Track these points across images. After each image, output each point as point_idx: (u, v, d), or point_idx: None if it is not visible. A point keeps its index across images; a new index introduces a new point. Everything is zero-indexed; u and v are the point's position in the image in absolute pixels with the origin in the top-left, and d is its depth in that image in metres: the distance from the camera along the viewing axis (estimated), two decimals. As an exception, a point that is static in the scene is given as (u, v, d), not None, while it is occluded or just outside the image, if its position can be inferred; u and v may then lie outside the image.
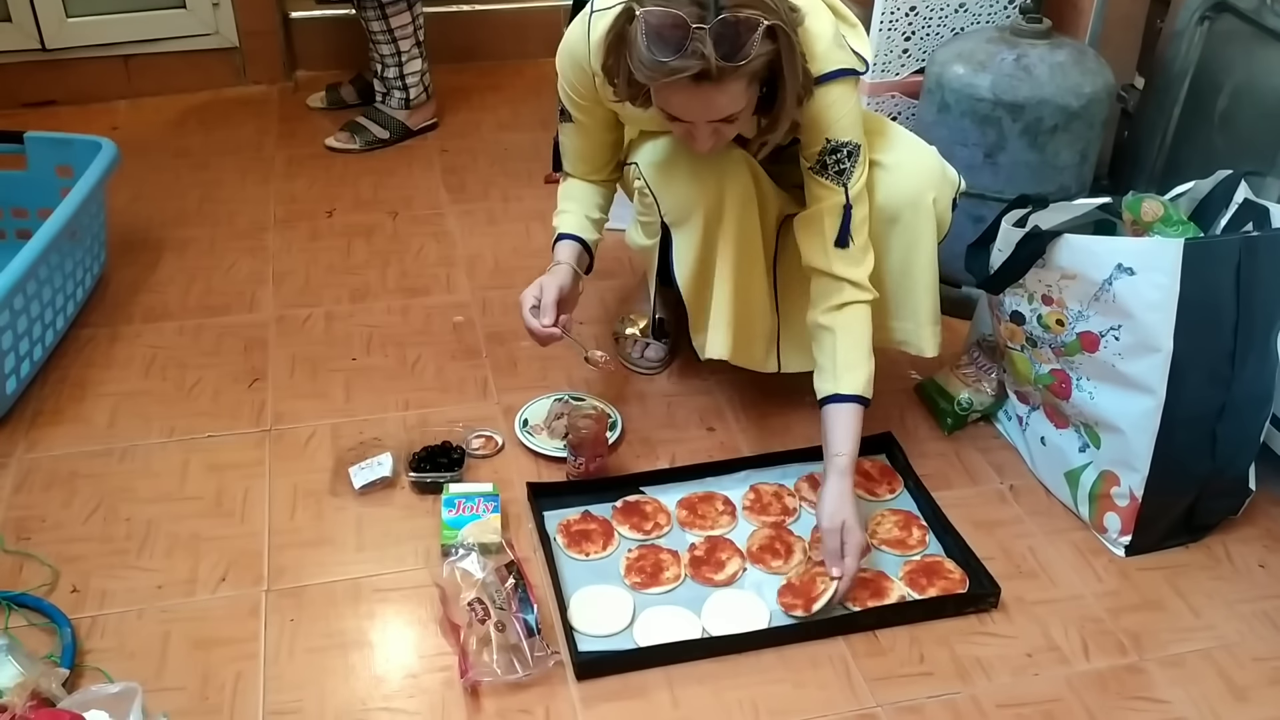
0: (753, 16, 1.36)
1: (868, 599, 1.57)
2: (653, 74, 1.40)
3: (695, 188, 1.68)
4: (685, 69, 1.36)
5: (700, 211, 1.68)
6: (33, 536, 1.66)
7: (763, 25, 1.36)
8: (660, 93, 1.46)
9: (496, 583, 1.51)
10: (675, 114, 1.49)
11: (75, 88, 2.96)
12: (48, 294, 1.96)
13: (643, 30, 1.37)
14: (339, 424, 1.90)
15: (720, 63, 1.35)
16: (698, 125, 1.49)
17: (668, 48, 1.36)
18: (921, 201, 1.69)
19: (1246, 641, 1.55)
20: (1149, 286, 1.52)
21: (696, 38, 1.34)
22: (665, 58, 1.36)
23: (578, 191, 1.83)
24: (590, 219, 1.81)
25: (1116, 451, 1.65)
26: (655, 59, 1.37)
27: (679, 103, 1.46)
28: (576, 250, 1.78)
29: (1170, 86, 2.04)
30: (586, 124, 1.73)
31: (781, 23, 1.40)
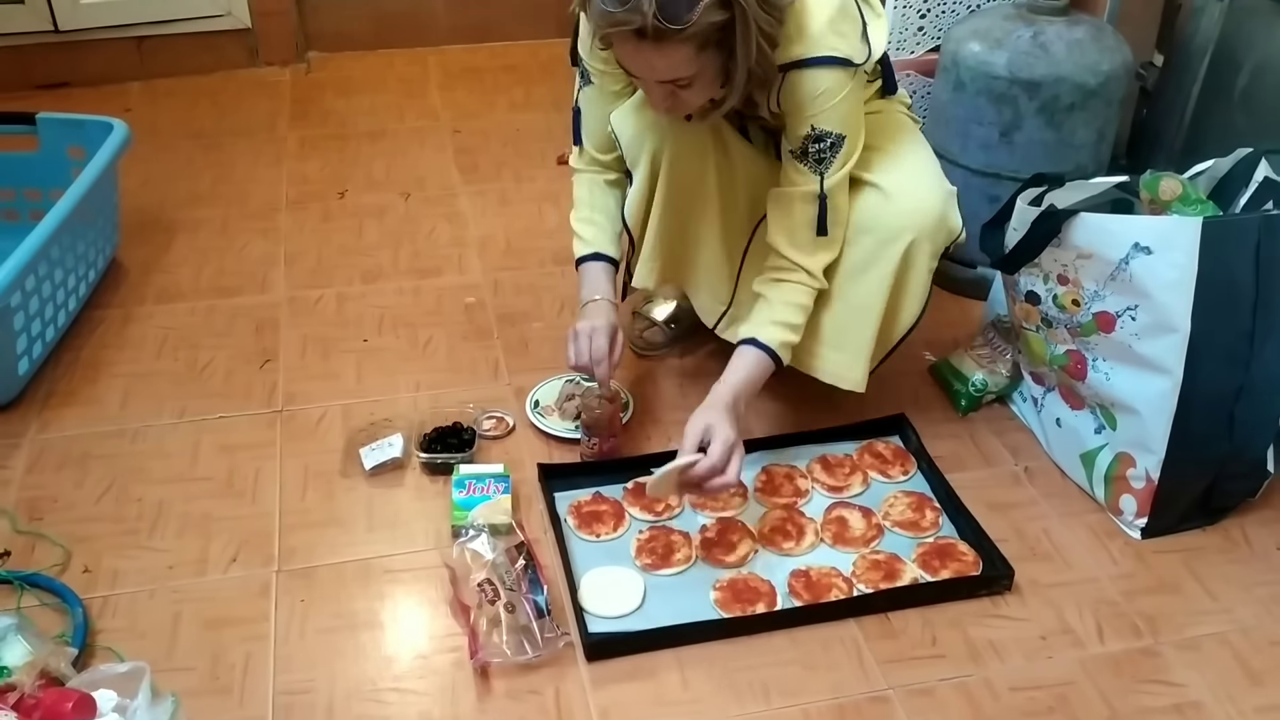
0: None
1: (880, 581, 1.56)
2: (600, 23, 1.41)
3: (647, 128, 1.68)
4: (627, 23, 1.37)
5: (648, 150, 1.68)
6: (45, 517, 1.67)
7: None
8: (615, 45, 1.46)
9: (507, 564, 1.51)
10: (626, 68, 1.49)
11: (88, 69, 2.96)
12: (60, 275, 1.96)
13: None
14: (350, 405, 1.89)
15: (656, 23, 1.35)
16: (649, 84, 1.49)
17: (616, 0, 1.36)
18: (899, 239, 1.62)
19: (1263, 625, 1.54)
20: (1166, 266, 1.50)
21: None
22: (610, 8, 1.37)
23: (600, 198, 1.80)
24: (617, 236, 1.80)
25: (1133, 433, 1.63)
26: (602, 7, 1.38)
27: (624, 56, 1.47)
28: (612, 275, 1.78)
29: (1190, 64, 2.01)
30: (605, 82, 1.71)
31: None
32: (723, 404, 1.57)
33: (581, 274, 1.77)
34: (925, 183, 1.66)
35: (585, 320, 1.71)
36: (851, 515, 1.68)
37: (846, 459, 1.78)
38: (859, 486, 1.73)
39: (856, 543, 1.63)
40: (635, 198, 1.74)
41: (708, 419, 1.54)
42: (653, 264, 1.80)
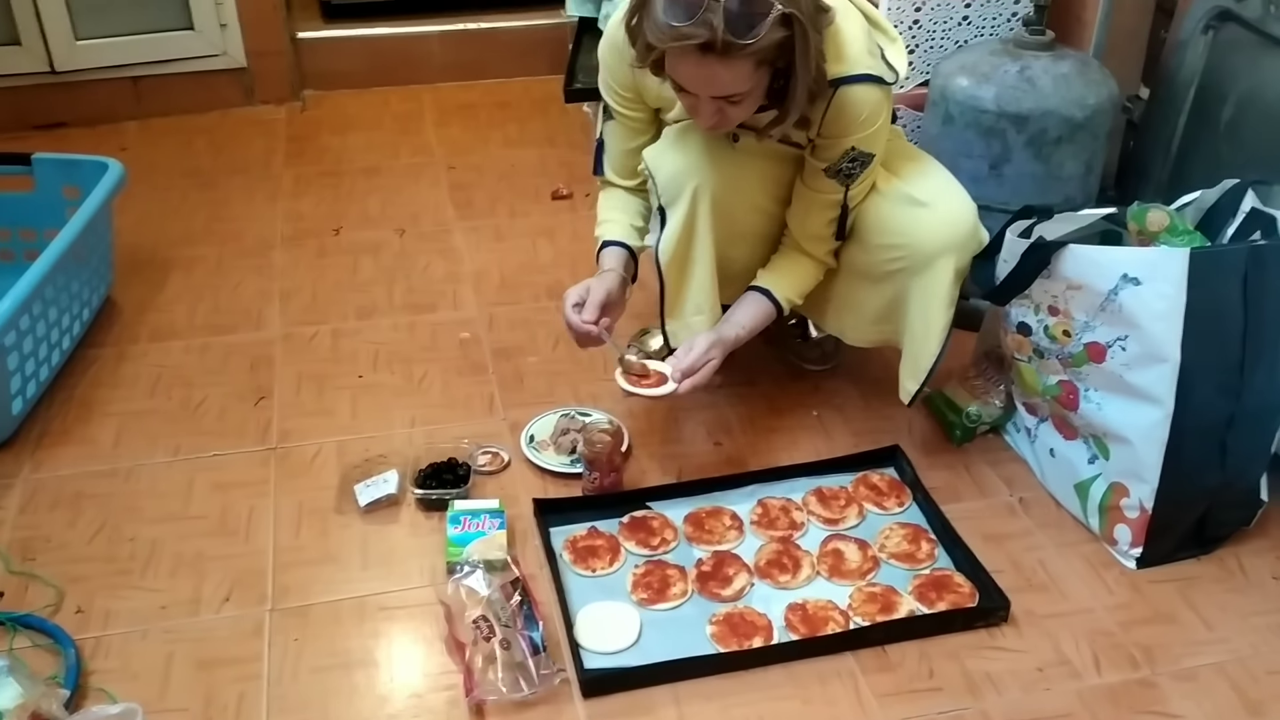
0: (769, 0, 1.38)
1: (877, 614, 1.56)
2: (663, 36, 1.42)
3: (685, 163, 1.69)
4: (693, 37, 1.39)
5: (690, 187, 1.69)
6: (38, 557, 1.66)
7: (777, 10, 1.39)
8: (670, 59, 1.48)
9: (502, 600, 1.50)
10: (681, 83, 1.51)
11: (84, 110, 2.98)
12: (54, 314, 1.97)
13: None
14: (345, 441, 1.89)
15: (726, 36, 1.38)
16: (702, 100, 1.51)
17: (681, 12, 1.39)
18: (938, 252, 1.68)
19: (1260, 654, 1.53)
20: (1155, 296, 1.51)
21: (710, 8, 1.37)
22: (677, 22, 1.39)
23: (619, 200, 1.85)
24: (635, 227, 1.83)
25: (1126, 463, 1.63)
26: (668, 22, 1.40)
27: (685, 72, 1.48)
28: (624, 257, 1.81)
29: (1175, 97, 2.03)
30: (627, 120, 1.76)
31: (799, 12, 1.42)
32: (727, 340, 1.70)
33: (598, 261, 1.81)
34: (956, 193, 1.73)
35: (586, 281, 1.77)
36: (847, 548, 1.67)
37: (842, 491, 1.78)
38: (855, 519, 1.73)
39: (853, 575, 1.63)
40: (673, 239, 1.73)
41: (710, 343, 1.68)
42: (702, 318, 1.78)
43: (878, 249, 1.72)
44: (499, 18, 3.28)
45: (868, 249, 1.74)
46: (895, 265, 1.71)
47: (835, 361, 2.07)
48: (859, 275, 1.79)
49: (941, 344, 1.73)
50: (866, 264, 1.76)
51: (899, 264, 1.71)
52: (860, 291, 1.80)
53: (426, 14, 3.29)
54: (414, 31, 3.27)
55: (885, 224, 1.70)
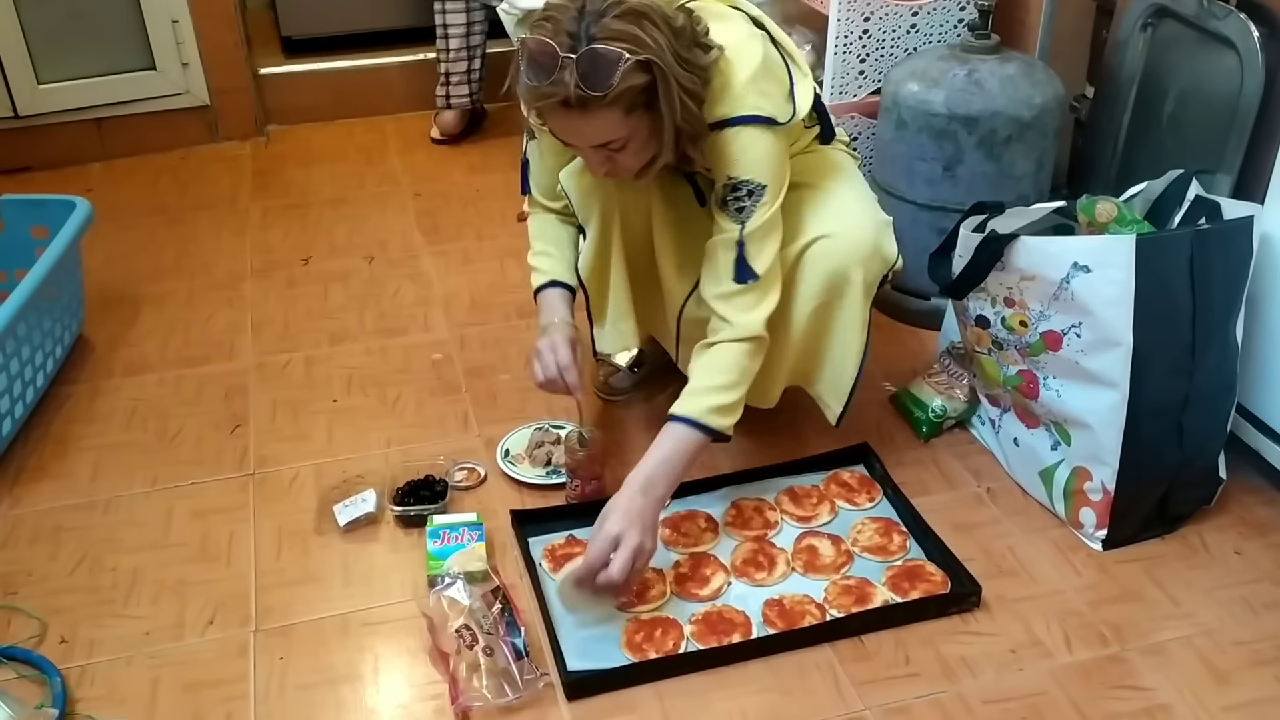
0: (618, 50, 1.40)
1: (852, 605, 1.59)
2: (527, 98, 1.47)
3: (594, 187, 1.72)
4: (552, 95, 1.43)
5: (597, 208, 1.73)
6: (19, 591, 1.67)
7: (627, 60, 1.40)
8: (544, 116, 1.51)
9: (483, 608, 1.52)
10: (558, 137, 1.55)
11: (49, 153, 3.00)
12: (26, 352, 1.98)
13: (523, 56, 1.44)
14: (322, 464, 1.91)
15: (579, 92, 1.40)
16: (584, 150, 1.55)
17: (539, 74, 1.42)
18: (839, 272, 1.67)
19: (1226, 626, 1.57)
20: (1105, 283, 1.56)
21: (564, 66, 1.40)
22: (535, 83, 1.43)
23: (551, 231, 1.85)
24: (572, 264, 1.83)
25: (1086, 447, 1.68)
26: (528, 83, 1.44)
27: (555, 126, 1.52)
28: (568, 299, 1.81)
29: (1119, 93, 2.09)
30: (549, 140, 1.75)
31: (656, 58, 1.42)
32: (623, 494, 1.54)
33: (540, 303, 1.82)
34: (856, 213, 1.70)
35: (544, 338, 1.76)
36: (821, 544, 1.71)
37: (814, 489, 1.82)
38: (827, 515, 1.77)
39: (827, 570, 1.66)
40: (590, 254, 1.78)
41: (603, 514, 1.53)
42: (625, 324, 1.83)
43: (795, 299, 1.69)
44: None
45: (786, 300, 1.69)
46: (812, 304, 1.69)
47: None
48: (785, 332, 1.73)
49: (859, 364, 1.73)
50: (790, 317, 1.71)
51: (815, 300, 1.69)
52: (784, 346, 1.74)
53: (386, 46, 3.33)
54: (374, 63, 3.31)
55: (792, 273, 1.68)
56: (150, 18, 2.95)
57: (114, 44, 2.97)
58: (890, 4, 2.24)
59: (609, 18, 1.41)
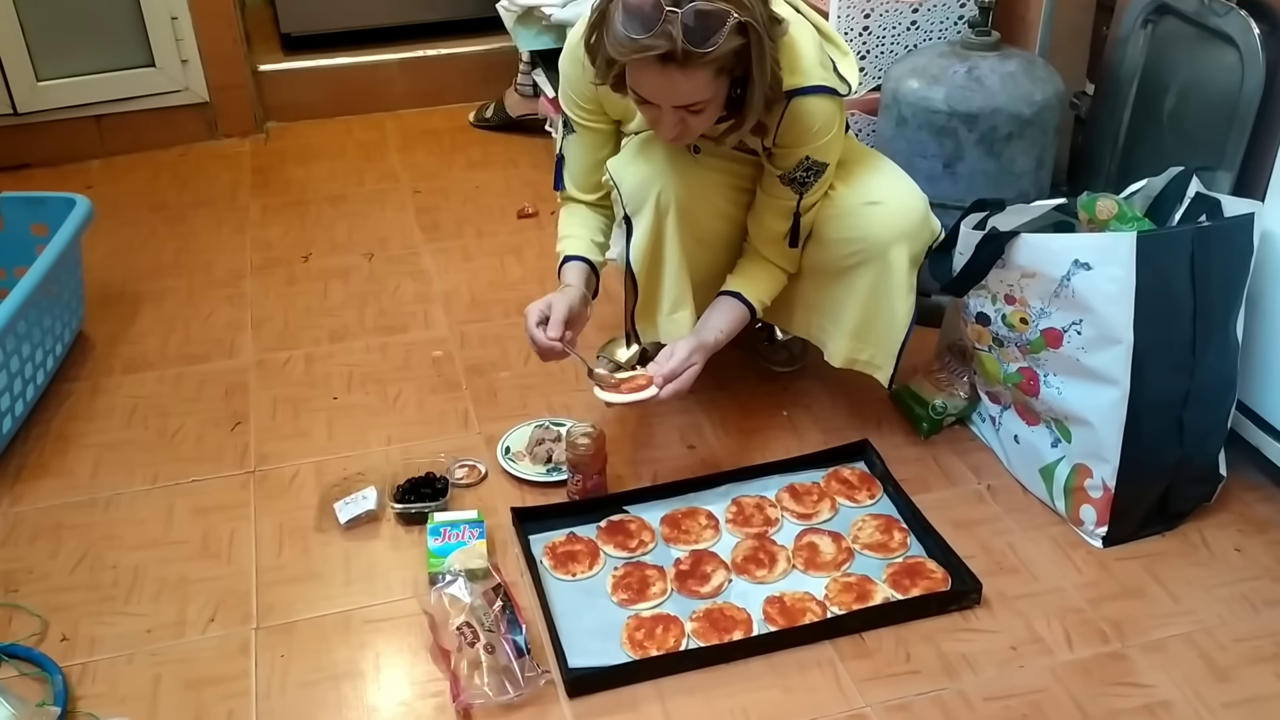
0: (723, 9, 1.43)
1: (853, 602, 1.59)
2: (623, 50, 1.46)
3: (647, 172, 1.73)
4: (653, 48, 1.43)
5: (653, 195, 1.73)
6: (20, 588, 1.67)
7: (733, 19, 1.43)
8: (632, 71, 1.52)
9: (484, 606, 1.53)
10: (643, 94, 1.55)
11: (48, 150, 2.99)
12: (27, 350, 1.97)
13: (620, 7, 1.44)
14: (323, 462, 1.91)
15: (686, 46, 1.42)
16: (664, 111, 1.55)
17: (640, 26, 1.43)
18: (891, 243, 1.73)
19: (1226, 623, 1.57)
20: (1105, 280, 1.56)
21: (668, 20, 1.41)
22: (636, 35, 1.43)
23: (579, 217, 1.87)
24: (596, 243, 1.86)
25: (1087, 444, 1.68)
26: (627, 35, 1.44)
27: (647, 82, 1.52)
28: (585, 272, 1.83)
29: (1119, 90, 2.09)
30: (588, 133, 1.80)
31: (754, 21, 1.46)
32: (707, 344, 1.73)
33: (560, 276, 1.83)
34: (905, 189, 1.78)
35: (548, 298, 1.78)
36: (822, 541, 1.71)
37: (814, 487, 1.82)
38: (828, 512, 1.77)
39: (828, 567, 1.66)
40: (644, 244, 1.77)
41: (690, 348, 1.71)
42: (683, 313, 1.82)
43: (836, 244, 1.76)
44: (457, 44, 3.33)
45: (826, 246, 1.78)
46: (853, 260, 1.76)
47: (801, 363, 2.11)
48: (821, 273, 1.83)
49: (906, 327, 1.79)
50: (826, 260, 1.80)
51: (856, 258, 1.75)
52: (824, 290, 1.84)
53: (385, 43, 3.33)
54: (374, 60, 3.30)
55: (842, 223, 1.75)
56: (149, 14, 2.94)
57: (113, 41, 2.96)
58: (891, 1, 2.24)
59: None
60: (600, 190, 1.85)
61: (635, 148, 1.76)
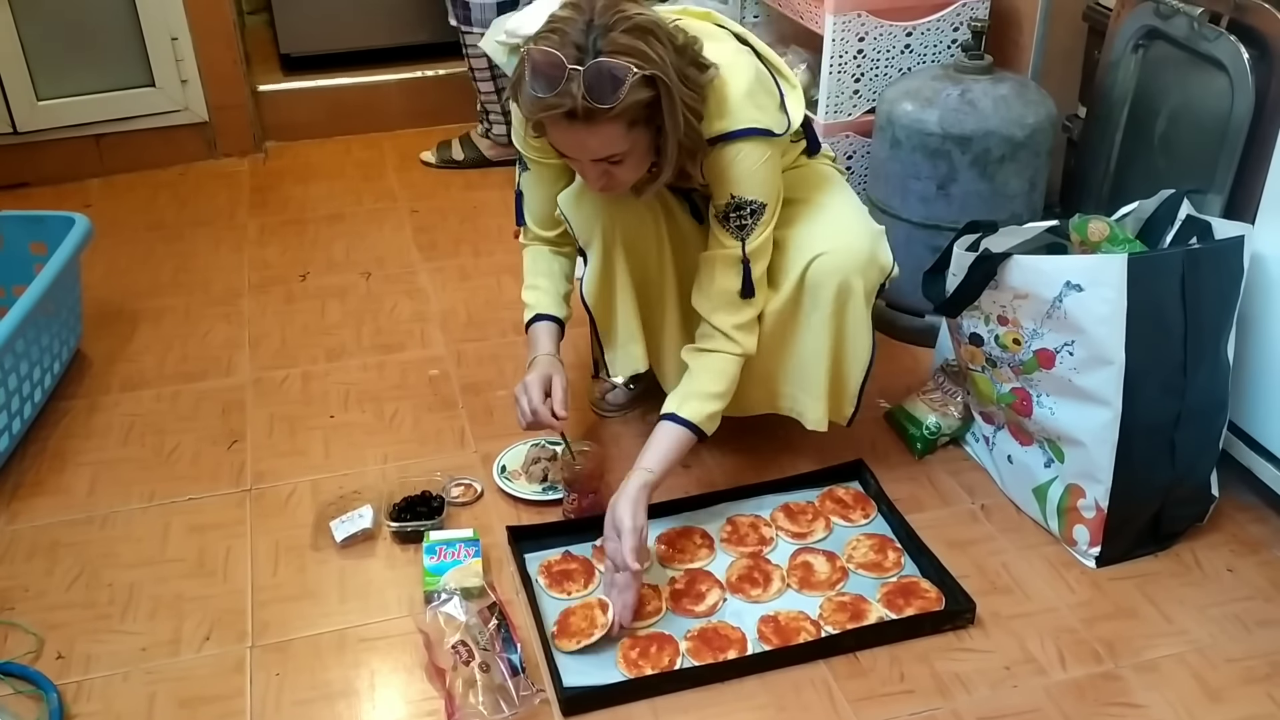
0: (625, 65, 1.42)
1: (847, 622, 1.60)
2: (530, 108, 1.48)
3: (596, 210, 1.75)
4: (557, 106, 1.44)
5: (599, 231, 1.75)
6: (16, 606, 1.67)
7: (634, 74, 1.42)
8: (547, 128, 1.53)
9: (480, 624, 1.53)
10: (559, 149, 1.56)
11: (48, 169, 3.01)
12: (25, 368, 1.98)
13: (528, 66, 1.45)
14: (319, 480, 1.92)
15: (586, 103, 1.42)
16: (584, 164, 1.56)
17: (544, 85, 1.44)
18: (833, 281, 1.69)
19: (1219, 644, 1.58)
20: (1097, 301, 1.58)
21: (570, 78, 1.42)
22: (541, 94, 1.44)
23: (544, 264, 1.87)
24: (562, 295, 1.86)
25: (1080, 464, 1.69)
26: (533, 94, 1.45)
27: (558, 138, 1.53)
28: (555, 333, 1.84)
29: (1111, 114, 2.11)
30: (541, 169, 1.80)
31: (661, 73, 1.45)
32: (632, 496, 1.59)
33: (529, 336, 1.85)
34: (851, 225, 1.74)
35: (534, 370, 1.78)
36: (816, 560, 1.71)
37: (809, 506, 1.82)
38: (822, 532, 1.78)
39: (822, 586, 1.67)
40: (594, 278, 1.80)
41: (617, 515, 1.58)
42: (635, 347, 1.85)
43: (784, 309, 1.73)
44: (454, 65, 3.34)
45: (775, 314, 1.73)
46: (805, 320, 1.73)
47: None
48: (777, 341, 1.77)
49: (867, 365, 1.77)
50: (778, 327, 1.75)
51: (809, 318, 1.73)
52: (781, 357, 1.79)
53: (383, 64, 3.35)
54: (372, 81, 3.33)
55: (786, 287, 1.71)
56: (150, 35, 2.96)
57: (113, 61, 2.99)
58: (885, 24, 2.26)
59: (616, 32, 1.43)
60: (559, 225, 1.84)
61: (581, 182, 1.76)
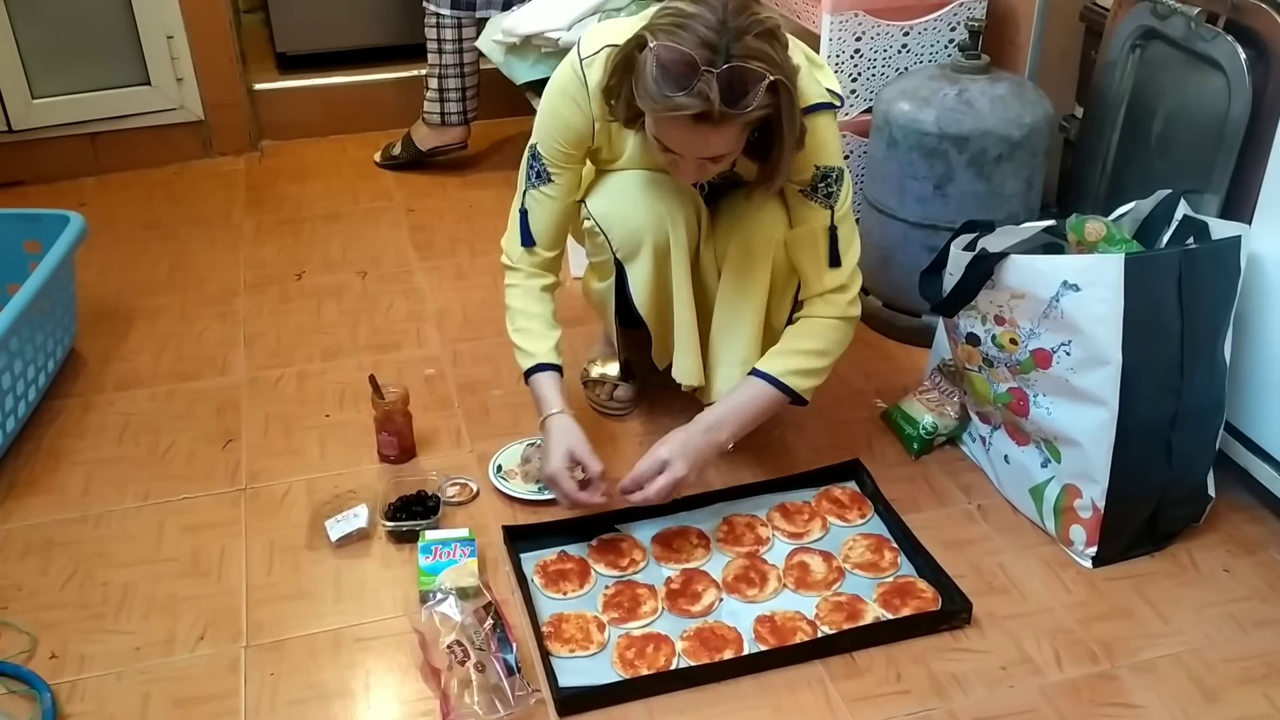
0: (759, 69, 1.42)
1: (843, 622, 1.59)
2: (656, 106, 1.46)
3: (642, 219, 1.74)
4: (689, 107, 1.42)
5: (650, 242, 1.74)
6: (10, 606, 1.66)
7: (768, 79, 1.43)
8: (659, 123, 1.51)
9: (475, 624, 1.52)
10: (669, 146, 1.54)
11: (43, 167, 3.00)
12: (19, 367, 1.98)
13: (654, 63, 1.43)
14: (314, 479, 1.91)
15: (723, 108, 1.42)
16: (686, 159, 1.55)
17: (675, 84, 1.42)
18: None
19: (1215, 644, 1.58)
20: (1094, 301, 1.57)
21: (704, 80, 1.40)
22: (671, 93, 1.42)
23: (536, 306, 1.79)
24: (556, 343, 1.78)
25: (1076, 464, 1.68)
26: (661, 92, 1.43)
27: (676, 137, 1.52)
28: (561, 386, 1.76)
29: (1108, 114, 2.11)
30: (563, 177, 1.72)
31: (785, 78, 1.46)
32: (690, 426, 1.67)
33: (532, 387, 1.77)
34: None
35: (553, 444, 1.69)
36: (812, 560, 1.71)
37: (805, 506, 1.82)
38: (818, 532, 1.77)
39: (819, 586, 1.67)
40: (644, 286, 1.78)
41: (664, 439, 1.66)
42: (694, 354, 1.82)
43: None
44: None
45: None
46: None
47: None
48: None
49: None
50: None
51: None
52: None
53: (379, 63, 3.35)
54: (368, 80, 3.32)
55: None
56: (145, 33, 2.96)
57: (109, 59, 2.98)
58: (882, 24, 2.26)
59: (750, 35, 1.42)
60: (560, 243, 1.80)
61: (618, 189, 1.75)
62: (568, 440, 1.70)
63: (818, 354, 1.71)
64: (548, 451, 1.70)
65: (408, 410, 1.95)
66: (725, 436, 1.69)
